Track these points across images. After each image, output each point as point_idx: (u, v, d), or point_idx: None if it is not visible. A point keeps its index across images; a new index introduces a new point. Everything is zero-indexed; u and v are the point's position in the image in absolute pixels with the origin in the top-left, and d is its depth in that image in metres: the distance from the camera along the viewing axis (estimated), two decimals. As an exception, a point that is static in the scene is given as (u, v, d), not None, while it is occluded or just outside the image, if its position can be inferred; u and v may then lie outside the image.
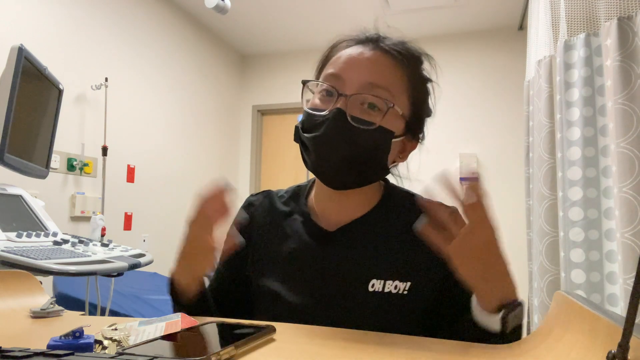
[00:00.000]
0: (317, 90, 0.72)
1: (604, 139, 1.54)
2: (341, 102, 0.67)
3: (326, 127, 0.66)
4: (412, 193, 0.80)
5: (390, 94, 0.68)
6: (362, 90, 0.67)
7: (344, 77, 0.68)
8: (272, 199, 0.83)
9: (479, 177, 0.56)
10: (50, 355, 0.35)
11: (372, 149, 0.68)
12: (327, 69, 0.72)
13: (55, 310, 0.64)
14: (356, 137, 0.66)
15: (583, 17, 1.62)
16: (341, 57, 0.71)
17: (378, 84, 0.68)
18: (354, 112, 0.67)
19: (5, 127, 1.26)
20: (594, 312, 0.42)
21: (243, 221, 0.82)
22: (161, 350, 0.43)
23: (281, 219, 0.79)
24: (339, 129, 0.66)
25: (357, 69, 0.68)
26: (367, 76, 0.68)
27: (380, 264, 0.70)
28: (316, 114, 0.69)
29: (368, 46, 0.71)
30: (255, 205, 0.84)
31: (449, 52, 3.91)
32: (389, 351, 0.47)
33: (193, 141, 3.71)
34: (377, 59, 0.70)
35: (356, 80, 0.68)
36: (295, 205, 0.81)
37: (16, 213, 1.35)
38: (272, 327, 0.52)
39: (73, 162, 2.53)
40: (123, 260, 1.26)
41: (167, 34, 3.41)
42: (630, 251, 1.29)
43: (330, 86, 0.69)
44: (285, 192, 0.85)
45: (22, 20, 2.28)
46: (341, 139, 0.66)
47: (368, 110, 0.67)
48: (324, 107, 0.69)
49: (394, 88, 0.69)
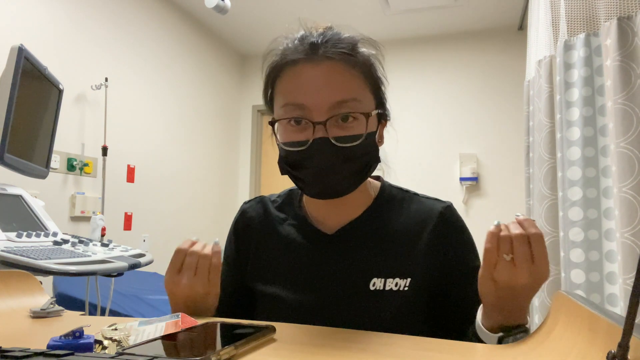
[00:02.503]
0: (284, 123, 0.68)
1: (603, 139, 1.54)
2: (319, 130, 0.64)
3: (317, 160, 0.65)
4: (407, 190, 0.81)
5: (358, 101, 0.67)
6: (333, 111, 0.65)
7: (309, 105, 0.65)
8: (265, 205, 0.83)
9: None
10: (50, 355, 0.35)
11: (366, 156, 0.68)
12: (285, 98, 0.68)
13: (55, 310, 0.64)
14: (348, 155, 0.66)
15: (583, 17, 1.62)
16: (293, 83, 0.68)
17: (345, 99, 0.65)
18: (334, 133, 0.65)
19: (5, 127, 1.26)
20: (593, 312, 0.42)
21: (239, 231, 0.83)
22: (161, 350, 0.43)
23: (277, 225, 0.79)
24: (329, 156, 0.65)
25: (319, 92, 0.65)
26: (332, 95, 0.65)
27: (380, 262, 0.71)
28: (298, 149, 0.66)
29: (313, 59, 0.67)
30: (250, 212, 0.83)
31: (449, 52, 3.91)
32: (389, 351, 0.47)
33: (193, 141, 3.71)
34: (331, 70, 0.66)
35: (323, 104, 0.65)
36: (289, 210, 0.81)
37: (16, 213, 1.35)
38: (272, 327, 0.52)
39: (73, 162, 2.53)
40: (123, 260, 1.26)
41: (167, 34, 3.41)
42: (629, 251, 1.29)
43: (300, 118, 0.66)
44: (278, 196, 0.84)
45: (22, 20, 2.28)
46: (335, 164, 0.65)
47: (344, 124, 0.66)
48: (301, 138, 0.66)
49: (359, 93, 0.67)
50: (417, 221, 0.74)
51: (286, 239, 0.77)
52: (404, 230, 0.73)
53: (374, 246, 0.72)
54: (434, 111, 3.90)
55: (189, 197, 3.63)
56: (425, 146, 3.84)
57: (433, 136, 3.85)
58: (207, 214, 3.86)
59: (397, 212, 0.76)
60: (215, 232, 3.94)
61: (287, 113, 0.67)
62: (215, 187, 4.03)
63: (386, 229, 0.74)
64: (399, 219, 0.75)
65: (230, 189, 4.28)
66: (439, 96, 3.89)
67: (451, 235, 0.74)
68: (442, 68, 3.91)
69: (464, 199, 3.71)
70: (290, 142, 0.67)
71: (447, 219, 0.75)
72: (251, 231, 0.81)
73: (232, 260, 0.82)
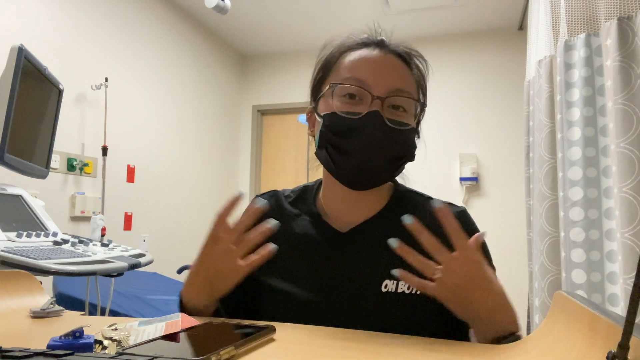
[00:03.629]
0: (339, 94, 0.71)
1: (604, 139, 1.54)
2: (375, 104, 0.68)
3: (369, 131, 0.67)
4: (421, 193, 0.81)
5: (412, 96, 0.71)
6: (391, 94, 0.69)
7: (369, 82, 0.69)
8: (279, 199, 0.83)
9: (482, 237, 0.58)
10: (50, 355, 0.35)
11: (407, 147, 0.71)
12: (344, 73, 0.71)
13: (55, 310, 0.64)
14: (394, 138, 0.68)
15: (583, 17, 1.62)
16: (358, 61, 0.71)
17: (403, 89, 0.70)
18: (387, 115, 0.68)
19: (5, 127, 1.26)
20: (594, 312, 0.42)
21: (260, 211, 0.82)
22: (161, 350, 0.43)
23: (289, 220, 0.79)
24: (379, 130, 0.67)
25: (381, 73, 0.69)
26: (393, 81, 0.69)
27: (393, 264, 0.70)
28: (351, 117, 0.68)
29: (381, 49, 0.72)
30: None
31: (449, 52, 3.91)
32: (390, 351, 0.47)
33: (193, 141, 3.71)
34: (395, 62, 0.71)
35: (383, 85, 0.69)
36: (303, 206, 0.81)
37: (16, 213, 1.35)
38: (272, 327, 0.52)
39: (73, 162, 2.53)
40: (123, 260, 1.26)
41: (167, 34, 3.41)
42: (630, 251, 1.29)
43: (360, 88, 0.69)
44: (292, 191, 0.85)
45: (22, 20, 2.28)
46: (383, 140, 0.68)
47: (394, 111, 0.70)
48: (356, 110, 0.69)
49: (414, 91, 0.72)
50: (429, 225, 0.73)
51: (298, 235, 0.77)
52: None
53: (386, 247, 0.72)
54: (434, 111, 3.90)
55: (189, 197, 3.64)
56: (425, 146, 3.83)
57: (433, 136, 3.85)
58: (207, 214, 3.86)
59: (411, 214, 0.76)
60: (215, 232, 3.94)
61: (348, 83, 0.70)
62: (215, 187, 4.03)
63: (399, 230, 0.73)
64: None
65: (230, 189, 4.28)
66: (439, 96, 3.89)
67: None
68: (442, 68, 3.91)
69: (464, 199, 3.71)
70: (344, 112, 0.69)
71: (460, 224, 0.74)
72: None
73: None
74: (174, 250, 3.41)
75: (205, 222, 3.82)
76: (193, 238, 3.66)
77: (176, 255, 3.42)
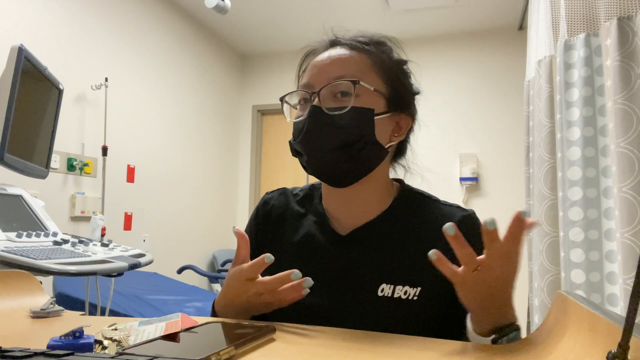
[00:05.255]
0: (294, 104, 0.77)
1: (603, 139, 1.54)
2: (315, 100, 0.70)
3: (307, 126, 0.70)
4: (428, 195, 0.79)
5: (355, 77, 0.71)
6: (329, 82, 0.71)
7: (312, 82, 0.72)
8: (287, 197, 0.84)
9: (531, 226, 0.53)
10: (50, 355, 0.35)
11: (355, 130, 0.69)
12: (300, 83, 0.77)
13: (55, 310, 0.64)
14: (335, 123, 0.69)
15: (583, 17, 1.62)
16: (308, 67, 0.76)
17: (341, 75, 0.70)
18: (328, 104, 0.70)
19: (5, 127, 1.26)
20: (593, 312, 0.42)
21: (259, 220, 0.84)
22: (161, 350, 0.43)
23: (296, 219, 0.80)
24: (318, 122, 0.69)
25: (322, 70, 0.72)
26: (331, 71, 0.71)
27: (391, 268, 0.70)
28: (299, 120, 0.72)
29: (328, 48, 0.76)
30: (272, 203, 0.84)
31: (449, 52, 3.91)
32: (389, 351, 0.47)
33: (193, 141, 3.71)
34: (337, 54, 0.73)
35: (322, 79, 0.71)
36: (309, 205, 0.81)
37: (16, 213, 1.35)
38: (272, 327, 0.52)
39: (73, 162, 2.53)
40: (123, 260, 1.26)
41: (167, 34, 3.41)
42: (630, 251, 1.29)
43: (303, 91, 0.73)
44: (300, 190, 0.85)
45: (22, 20, 2.28)
46: (322, 129, 0.69)
47: (341, 99, 0.71)
48: (302, 113, 0.73)
49: (361, 72, 0.72)
50: (434, 228, 0.71)
51: (302, 234, 0.77)
52: (420, 236, 0.72)
53: (386, 251, 0.71)
54: (434, 111, 3.90)
55: (189, 197, 3.63)
56: (425, 146, 3.83)
57: (433, 136, 3.85)
58: (207, 214, 3.86)
59: (414, 217, 0.74)
60: (215, 232, 3.94)
61: (299, 94, 0.75)
62: (215, 187, 4.03)
63: (401, 234, 0.73)
64: (416, 224, 0.73)
65: (230, 188, 4.28)
66: (439, 96, 3.89)
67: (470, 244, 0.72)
68: (442, 68, 3.91)
69: (464, 199, 3.71)
70: (295, 118, 0.74)
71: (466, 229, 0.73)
72: (270, 221, 0.82)
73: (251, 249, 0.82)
74: (174, 250, 3.41)
75: (205, 222, 3.83)
76: (193, 238, 3.66)
77: (176, 255, 3.42)
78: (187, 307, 2.15)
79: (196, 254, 3.69)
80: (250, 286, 0.63)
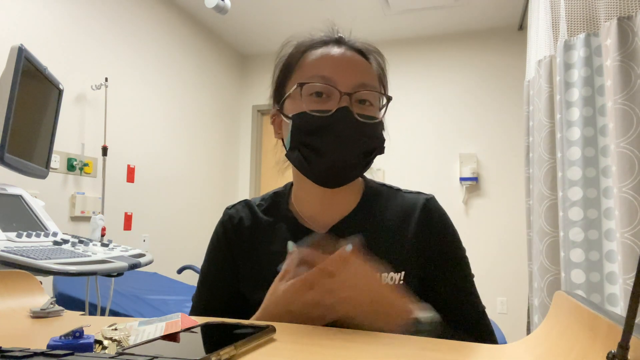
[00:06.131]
0: (307, 93, 0.70)
1: (603, 139, 1.54)
2: (344, 100, 0.68)
3: (341, 128, 0.67)
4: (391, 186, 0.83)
5: (376, 89, 0.72)
6: (357, 88, 0.70)
7: (335, 78, 0.69)
8: (252, 209, 0.81)
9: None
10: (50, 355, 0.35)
11: (376, 140, 0.72)
12: (309, 72, 0.71)
13: (55, 310, 0.64)
14: (364, 132, 0.69)
15: (583, 17, 1.62)
16: (321, 58, 0.72)
17: (367, 83, 0.71)
18: (356, 110, 0.69)
19: (5, 127, 1.26)
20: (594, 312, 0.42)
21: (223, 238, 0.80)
22: (161, 350, 0.43)
23: (266, 229, 0.78)
24: (348, 127, 0.68)
25: (345, 69, 0.71)
26: (358, 76, 0.70)
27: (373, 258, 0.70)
28: (321, 115, 0.68)
29: (340, 46, 0.74)
30: (237, 217, 0.81)
31: (449, 52, 3.91)
32: (390, 351, 0.47)
33: (193, 141, 3.71)
34: (356, 58, 0.73)
35: (348, 80, 0.69)
36: (277, 212, 0.80)
37: (16, 213, 1.35)
38: (272, 327, 0.52)
39: (73, 162, 2.53)
40: (123, 260, 1.26)
41: (167, 34, 3.41)
42: (630, 251, 1.29)
43: (327, 86, 0.69)
44: (262, 199, 0.83)
45: (22, 20, 2.28)
46: (352, 135, 0.68)
47: (362, 106, 0.71)
48: (325, 107, 0.68)
49: (377, 83, 0.74)
50: (402, 215, 0.76)
51: (276, 241, 0.76)
52: (392, 224, 0.75)
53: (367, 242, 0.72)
54: (434, 111, 3.90)
55: (189, 197, 3.64)
56: (425, 146, 3.84)
57: (433, 136, 3.86)
58: (207, 214, 3.86)
59: (384, 208, 0.77)
60: (215, 232, 3.94)
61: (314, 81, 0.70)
62: (215, 187, 4.03)
63: (376, 225, 0.75)
64: (386, 214, 0.76)
65: (230, 189, 4.28)
66: (439, 96, 3.89)
67: (434, 225, 0.75)
68: (442, 68, 3.91)
69: (464, 199, 3.71)
70: (314, 110, 0.69)
71: (429, 211, 0.76)
72: (241, 235, 0.79)
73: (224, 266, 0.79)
74: (174, 250, 3.41)
75: (205, 221, 3.83)
76: (193, 238, 3.66)
77: (176, 255, 3.42)
78: (187, 307, 2.15)
79: (196, 254, 3.69)
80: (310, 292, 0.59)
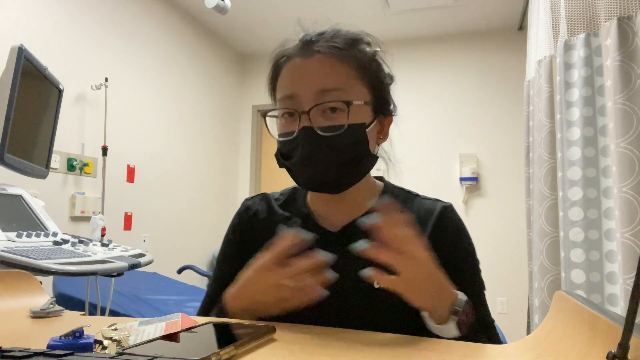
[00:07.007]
0: (280, 115, 0.72)
1: (604, 139, 1.54)
2: (304, 119, 0.68)
3: (302, 149, 0.68)
4: (410, 191, 0.82)
5: (343, 91, 0.69)
6: (317, 100, 0.68)
7: (296, 95, 0.69)
8: (269, 202, 0.83)
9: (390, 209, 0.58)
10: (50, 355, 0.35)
11: (352, 147, 0.69)
12: (279, 92, 0.73)
13: (55, 310, 0.64)
14: (332, 145, 0.67)
15: (583, 17, 1.62)
16: (285, 76, 0.72)
17: (328, 88, 0.68)
18: (319, 123, 0.68)
19: (5, 127, 1.26)
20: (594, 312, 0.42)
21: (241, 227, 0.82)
22: (161, 350, 0.43)
23: (280, 222, 0.79)
24: (313, 145, 0.67)
25: (305, 82, 0.69)
26: (316, 84, 0.68)
27: None
28: (287, 139, 0.70)
29: (305, 54, 0.71)
30: (253, 209, 0.83)
31: (449, 52, 3.91)
32: (390, 351, 0.47)
33: (193, 141, 3.71)
34: (318, 63, 0.70)
35: (308, 93, 0.68)
36: (293, 208, 0.81)
37: (16, 213, 1.35)
38: (272, 327, 0.52)
39: (73, 162, 2.53)
40: (123, 260, 1.26)
41: (167, 34, 3.41)
42: (630, 251, 1.29)
43: (287, 109, 0.70)
44: (281, 194, 0.85)
45: (22, 20, 2.28)
46: (319, 153, 0.68)
47: (331, 115, 0.68)
48: (291, 129, 0.69)
49: (346, 83, 0.70)
50: (418, 219, 0.75)
51: None
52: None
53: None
54: (434, 111, 3.90)
55: (189, 197, 3.64)
56: (425, 146, 3.84)
57: (433, 136, 3.85)
58: (207, 213, 3.86)
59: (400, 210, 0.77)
60: (215, 232, 3.94)
61: (281, 106, 0.71)
62: (215, 187, 4.03)
63: None
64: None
65: (230, 189, 4.28)
66: (439, 96, 3.89)
67: (449, 233, 0.75)
68: (442, 68, 3.91)
69: (464, 199, 3.71)
70: (281, 134, 0.71)
71: (446, 218, 0.76)
72: (255, 227, 0.81)
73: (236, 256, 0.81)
74: (174, 250, 3.41)
75: (205, 221, 3.83)
76: (193, 238, 3.66)
77: (176, 255, 3.42)
78: (187, 307, 2.15)
79: (196, 254, 3.69)
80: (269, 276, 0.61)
